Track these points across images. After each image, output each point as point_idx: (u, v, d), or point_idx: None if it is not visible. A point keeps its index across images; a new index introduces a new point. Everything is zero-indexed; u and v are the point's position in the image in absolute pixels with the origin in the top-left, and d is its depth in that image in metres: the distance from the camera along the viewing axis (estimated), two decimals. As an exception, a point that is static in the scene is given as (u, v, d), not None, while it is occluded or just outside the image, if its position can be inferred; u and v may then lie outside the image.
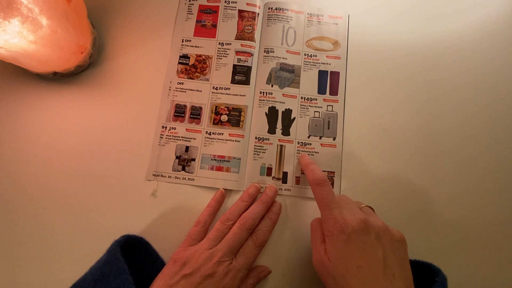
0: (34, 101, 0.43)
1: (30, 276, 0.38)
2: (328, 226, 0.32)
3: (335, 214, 0.32)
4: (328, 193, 0.34)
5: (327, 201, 0.34)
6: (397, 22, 0.48)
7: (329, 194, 0.34)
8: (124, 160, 0.42)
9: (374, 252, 0.31)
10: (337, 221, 0.32)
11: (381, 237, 0.32)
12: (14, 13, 0.30)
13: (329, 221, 0.32)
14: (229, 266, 0.34)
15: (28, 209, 0.40)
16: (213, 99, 0.44)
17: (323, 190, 0.34)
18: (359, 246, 0.31)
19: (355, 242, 0.31)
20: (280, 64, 0.45)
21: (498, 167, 0.43)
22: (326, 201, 0.34)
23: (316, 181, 0.35)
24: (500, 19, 0.48)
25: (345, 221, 0.32)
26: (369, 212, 0.36)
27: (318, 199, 0.35)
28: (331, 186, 0.36)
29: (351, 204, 0.35)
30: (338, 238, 0.31)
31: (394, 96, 0.45)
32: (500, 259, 0.40)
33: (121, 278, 0.31)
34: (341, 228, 0.31)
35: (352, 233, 0.31)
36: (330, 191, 0.35)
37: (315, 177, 0.36)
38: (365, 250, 0.31)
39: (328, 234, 0.32)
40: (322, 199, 0.34)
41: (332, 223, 0.32)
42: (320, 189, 0.35)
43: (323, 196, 0.34)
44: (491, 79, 0.46)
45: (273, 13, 0.47)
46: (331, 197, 0.34)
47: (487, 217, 0.41)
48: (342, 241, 0.31)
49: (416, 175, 0.42)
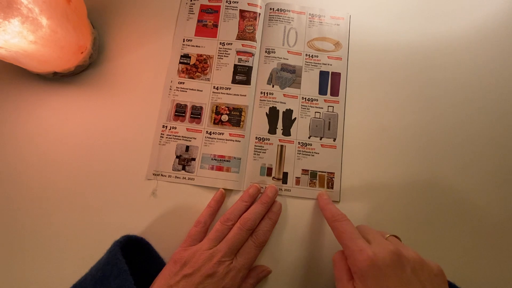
0: (34, 101, 0.42)
1: (30, 276, 0.38)
2: (354, 260, 0.29)
3: (360, 244, 0.29)
4: (349, 226, 0.32)
5: (349, 233, 0.31)
6: (398, 23, 0.47)
7: (350, 227, 0.32)
8: (124, 159, 0.42)
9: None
10: (365, 253, 0.28)
11: (418, 272, 0.28)
12: (14, 13, 0.30)
13: (355, 254, 0.29)
14: (229, 266, 0.34)
15: (28, 209, 0.40)
16: (213, 99, 0.44)
17: (343, 224, 0.32)
18: (394, 283, 0.27)
19: (389, 278, 0.27)
20: (281, 65, 0.45)
21: (501, 165, 0.43)
22: (348, 233, 0.31)
23: (335, 217, 0.34)
24: (500, 19, 0.48)
25: (374, 252, 0.28)
26: (397, 242, 0.32)
27: (338, 233, 0.32)
28: (350, 221, 0.33)
29: (375, 234, 0.32)
30: (369, 274, 0.28)
31: (395, 97, 0.45)
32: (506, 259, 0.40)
33: (122, 279, 0.31)
34: (371, 262, 0.28)
35: (384, 267, 0.27)
36: (351, 224, 0.32)
37: (333, 213, 0.34)
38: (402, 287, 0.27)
39: (356, 270, 0.28)
40: (343, 231, 0.32)
41: (360, 256, 0.28)
42: (340, 223, 0.33)
43: (343, 229, 0.32)
44: (492, 78, 0.46)
45: (274, 13, 0.47)
46: (353, 229, 0.32)
47: (491, 216, 0.41)
48: (374, 277, 0.27)
49: (418, 175, 0.42)
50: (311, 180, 0.42)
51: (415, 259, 0.29)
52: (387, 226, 0.41)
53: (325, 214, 0.37)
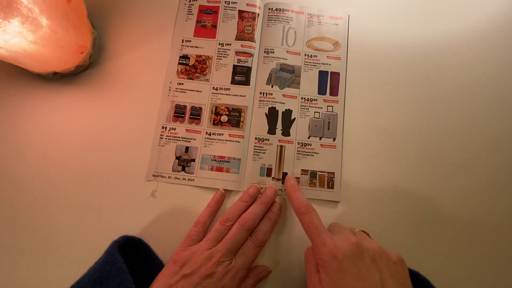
0: (34, 101, 0.43)
1: (29, 276, 0.38)
2: (319, 253, 0.31)
3: (324, 238, 0.31)
4: (315, 219, 0.33)
5: (314, 226, 0.32)
6: (397, 22, 0.47)
7: (316, 220, 0.33)
8: (124, 160, 0.42)
9: (371, 278, 0.29)
10: (327, 246, 0.30)
11: (376, 261, 0.30)
12: (14, 13, 0.30)
13: (319, 247, 0.31)
14: (228, 266, 0.34)
15: (28, 209, 0.39)
16: (213, 99, 0.44)
17: (309, 217, 0.33)
18: (354, 273, 0.29)
19: (349, 268, 0.29)
20: (280, 65, 0.45)
21: (500, 167, 0.43)
22: (313, 227, 0.32)
23: (300, 209, 0.34)
24: (499, 19, 0.48)
25: (335, 245, 0.30)
26: (362, 236, 0.34)
27: (305, 227, 0.33)
28: (317, 213, 0.34)
29: (343, 229, 0.34)
30: (330, 266, 0.29)
31: (395, 97, 0.45)
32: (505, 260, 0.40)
33: (121, 278, 0.31)
34: (332, 254, 0.29)
35: (344, 259, 0.29)
36: (317, 217, 0.33)
37: (299, 205, 0.35)
38: (361, 277, 0.29)
39: (320, 262, 0.30)
40: (309, 225, 0.33)
41: (323, 249, 0.30)
42: (306, 216, 0.34)
43: (310, 222, 0.33)
44: (492, 78, 0.46)
45: (273, 13, 0.47)
46: (318, 222, 0.33)
47: (491, 218, 0.41)
48: (335, 269, 0.29)
49: (417, 176, 0.42)
50: (311, 180, 0.42)
51: (375, 249, 0.31)
52: (386, 226, 0.40)
53: (291, 204, 0.37)
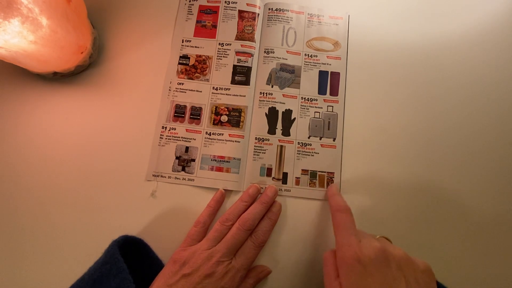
0: (34, 101, 0.43)
1: (29, 276, 0.38)
2: (342, 253, 0.30)
3: (351, 240, 0.30)
4: (348, 220, 0.33)
5: (346, 226, 0.32)
6: (397, 22, 0.47)
7: (349, 221, 0.32)
8: (124, 160, 0.42)
9: (397, 286, 0.27)
10: (352, 247, 0.29)
11: (403, 268, 0.29)
12: (14, 13, 0.30)
13: (344, 247, 0.30)
14: (228, 266, 0.34)
15: (28, 208, 0.39)
16: (213, 99, 0.44)
17: (343, 216, 0.33)
18: (378, 280, 0.27)
19: (373, 275, 0.28)
20: (280, 65, 0.45)
21: (501, 165, 0.43)
22: (345, 226, 0.32)
23: (339, 207, 0.34)
24: (499, 19, 0.48)
25: (360, 249, 0.29)
26: (385, 242, 0.33)
27: (336, 223, 0.33)
28: (353, 217, 0.33)
29: (366, 233, 0.33)
30: (353, 269, 0.28)
31: (395, 97, 0.45)
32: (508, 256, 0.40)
33: (121, 277, 0.31)
34: (356, 257, 0.28)
35: (369, 264, 0.28)
36: (351, 218, 0.33)
37: (339, 204, 0.35)
38: (386, 285, 0.27)
39: (343, 264, 0.29)
40: (341, 223, 0.32)
41: (347, 250, 0.29)
42: (341, 214, 0.33)
43: (343, 220, 0.33)
44: (491, 78, 0.46)
45: (273, 13, 0.47)
46: (351, 223, 0.32)
47: (493, 215, 0.41)
48: (358, 273, 0.28)
49: (417, 176, 0.42)
50: (311, 180, 0.42)
51: (401, 256, 0.29)
52: (386, 225, 0.40)
53: (330, 203, 0.37)
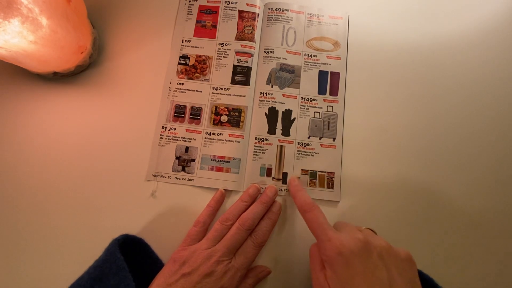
0: (34, 101, 0.43)
1: (29, 275, 0.38)
2: (324, 249, 0.30)
3: (330, 235, 0.30)
4: (319, 216, 0.33)
5: (318, 223, 0.32)
6: (397, 22, 0.47)
7: (320, 217, 0.33)
8: (124, 160, 0.42)
9: (378, 275, 0.28)
10: (332, 242, 0.29)
11: (384, 258, 0.29)
12: (14, 13, 0.30)
13: (324, 243, 0.30)
14: (228, 266, 0.34)
15: (28, 208, 0.40)
16: (213, 99, 0.44)
17: (313, 214, 0.33)
18: (360, 270, 0.28)
19: (355, 265, 0.28)
20: (280, 65, 0.45)
21: (501, 165, 0.43)
22: (317, 224, 0.32)
23: (304, 207, 0.34)
24: (499, 19, 0.48)
25: (341, 241, 0.29)
26: (369, 233, 0.33)
27: (309, 224, 0.33)
28: (321, 210, 0.34)
29: (349, 227, 0.33)
30: (336, 262, 0.29)
31: (394, 96, 0.45)
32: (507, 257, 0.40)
33: (120, 276, 0.31)
34: (338, 250, 0.29)
35: (351, 255, 0.28)
36: (321, 214, 0.33)
37: (303, 203, 0.35)
38: (368, 274, 0.28)
39: (326, 258, 0.30)
40: (313, 222, 0.32)
41: (328, 245, 0.30)
42: (311, 213, 0.33)
43: (314, 219, 0.33)
44: (491, 78, 0.46)
45: (273, 13, 0.47)
46: (323, 219, 0.32)
47: (492, 215, 0.41)
48: (341, 265, 0.28)
49: (417, 175, 0.42)
50: (311, 180, 0.42)
51: (382, 246, 0.30)
52: (386, 225, 0.40)
53: (296, 203, 0.37)
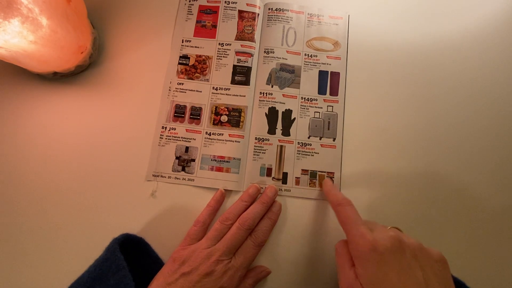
0: (34, 101, 0.43)
1: (29, 275, 0.38)
2: (356, 245, 0.29)
3: (362, 230, 0.29)
4: (352, 212, 0.32)
5: (352, 219, 0.31)
6: (397, 22, 0.47)
7: (353, 213, 0.32)
8: (124, 160, 0.42)
9: (413, 274, 0.27)
10: (366, 238, 0.28)
11: (418, 257, 0.29)
12: (14, 13, 0.30)
13: (357, 239, 0.29)
14: (227, 265, 0.34)
15: (28, 208, 0.40)
16: (213, 99, 0.44)
17: (346, 209, 0.32)
18: (395, 268, 0.27)
19: (390, 262, 0.27)
20: (280, 65, 0.45)
21: (500, 165, 0.43)
22: (351, 219, 0.31)
23: (338, 201, 0.34)
24: (499, 19, 0.48)
25: (375, 238, 0.28)
26: (398, 232, 0.32)
27: (342, 218, 0.32)
28: (355, 207, 0.33)
29: (375, 223, 0.33)
30: (369, 258, 0.28)
31: (394, 96, 0.45)
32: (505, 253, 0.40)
33: (120, 275, 0.31)
34: (371, 246, 0.28)
35: (385, 252, 0.27)
36: (355, 210, 0.32)
37: (337, 198, 0.34)
38: (403, 272, 0.27)
39: (358, 254, 0.29)
40: (347, 217, 0.32)
41: (361, 241, 0.29)
42: (343, 208, 0.33)
43: (347, 214, 0.32)
44: (491, 78, 0.46)
45: (273, 13, 0.47)
46: (356, 215, 0.32)
47: (493, 214, 0.41)
48: (374, 262, 0.27)
49: (417, 175, 0.42)
50: (311, 180, 0.42)
51: (416, 245, 0.29)
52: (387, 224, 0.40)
53: (329, 199, 0.37)
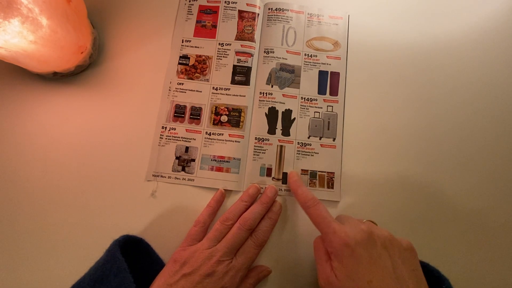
0: (34, 101, 0.43)
1: (28, 276, 0.38)
2: (330, 241, 0.31)
3: (334, 227, 0.31)
4: (322, 211, 0.33)
5: (322, 217, 0.32)
6: (397, 22, 0.48)
7: (323, 211, 0.33)
8: (124, 160, 0.42)
9: (383, 263, 0.29)
10: (337, 234, 0.30)
11: (387, 247, 0.31)
12: (14, 13, 0.30)
13: (330, 235, 0.31)
14: (228, 266, 0.34)
15: (28, 209, 0.39)
16: (213, 99, 0.44)
17: (316, 209, 0.34)
18: (366, 259, 0.29)
19: (361, 255, 0.29)
20: (280, 65, 0.45)
21: (501, 165, 0.43)
22: (321, 218, 0.32)
23: (307, 203, 0.35)
24: (499, 19, 0.48)
25: (346, 233, 0.30)
26: (371, 225, 0.34)
27: (313, 219, 0.33)
28: (323, 205, 0.34)
29: (351, 219, 0.34)
30: (342, 253, 0.29)
31: (394, 96, 0.45)
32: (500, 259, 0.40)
33: (121, 277, 0.31)
34: (343, 242, 0.30)
35: (356, 246, 0.29)
36: (324, 208, 0.33)
37: (305, 199, 0.35)
38: (373, 263, 0.29)
39: (332, 250, 0.30)
40: (318, 216, 0.33)
41: (333, 237, 0.30)
42: (313, 209, 0.34)
43: (318, 213, 0.33)
44: (491, 78, 0.46)
45: (273, 13, 0.47)
46: (326, 213, 0.33)
47: (493, 215, 0.41)
48: (347, 255, 0.29)
49: (417, 175, 0.42)
50: (311, 180, 0.42)
51: (385, 236, 0.31)
52: (387, 225, 0.40)
53: (297, 199, 0.37)
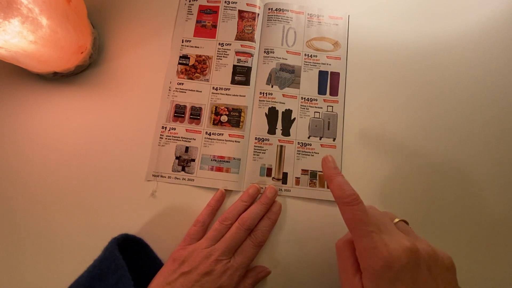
0: (34, 101, 0.43)
1: (28, 275, 0.38)
2: (367, 258, 0.26)
3: (375, 241, 0.26)
4: (361, 214, 0.28)
5: (361, 223, 0.27)
6: (397, 22, 0.47)
7: (363, 215, 0.28)
8: (123, 160, 0.42)
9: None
10: (379, 251, 0.26)
11: (431, 268, 0.26)
12: (14, 13, 0.30)
13: (369, 250, 0.26)
14: (227, 265, 0.34)
15: (27, 208, 0.40)
16: (213, 99, 0.44)
17: (354, 210, 0.28)
18: (409, 285, 0.25)
19: (403, 280, 0.25)
20: (280, 65, 0.45)
21: (501, 165, 0.43)
22: (360, 224, 0.27)
23: (346, 199, 0.29)
24: (499, 19, 0.48)
25: (389, 252, 0.25)
26: (408, 230, 0.30)
27: (349, 219, 0.28)
28: (363, 204, 0.29)
29: (385, 221, 0.29)
30: (382, 275, 0.25)
31: (394, 97, 0.45)
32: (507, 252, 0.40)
33: (119, 274, 0.31)
34: (385, 263, 0.25)
35: (400, 270, 0.25)
36: (365, 211, 0.28)
37: (344, 194, 0.29)
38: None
39: (368, 268, 0.26)
40: (355, 221, 0.28)
41: (373, 254, 0.26)
42: (351, 208, 0.28)
43: (355, 217, 0.28)
44: (491, 78, 0.46)
45: (273, 13, 0.47)
46: (365, 218, 0.27)
47: (493, 214, 0.41)
48: (387, 279, 0.25)
49: (417, 176, 0.42)
50: (311, 180, 0.42)
51: (429, 253, 0.27)
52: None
53: (333, 191, 0.30)
